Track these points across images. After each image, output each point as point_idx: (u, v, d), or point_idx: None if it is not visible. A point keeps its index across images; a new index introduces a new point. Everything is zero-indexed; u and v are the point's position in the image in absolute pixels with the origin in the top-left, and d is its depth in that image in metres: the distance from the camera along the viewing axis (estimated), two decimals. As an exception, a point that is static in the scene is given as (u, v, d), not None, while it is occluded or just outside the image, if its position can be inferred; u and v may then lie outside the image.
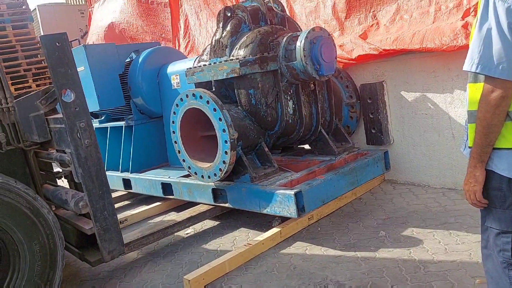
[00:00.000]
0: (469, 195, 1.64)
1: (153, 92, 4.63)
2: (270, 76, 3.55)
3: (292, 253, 3.15)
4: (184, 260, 3.32)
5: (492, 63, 1.40)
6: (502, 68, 1.39)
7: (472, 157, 1.58)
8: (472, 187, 1.61)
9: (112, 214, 2.83)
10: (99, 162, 2.75)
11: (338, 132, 4.14)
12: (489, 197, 1.62)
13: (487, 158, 1.56)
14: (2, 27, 8.67)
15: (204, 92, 3.37)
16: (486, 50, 1.42)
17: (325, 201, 3.40)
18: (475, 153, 1.57)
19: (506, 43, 1.38)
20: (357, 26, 4.36)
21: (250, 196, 3.39)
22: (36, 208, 2.58)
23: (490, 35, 1.41)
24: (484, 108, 1.48)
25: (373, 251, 2.97)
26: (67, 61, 2.63)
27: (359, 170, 3.69)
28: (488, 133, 1.50)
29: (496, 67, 1.40)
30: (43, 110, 2.96)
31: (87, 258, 2.97)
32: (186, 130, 3.68)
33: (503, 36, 1.38)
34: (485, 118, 1.48)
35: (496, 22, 1.39)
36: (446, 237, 3.01)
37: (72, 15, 12.01)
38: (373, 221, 3.47)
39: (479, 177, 1.59)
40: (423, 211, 3.50)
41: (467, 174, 1.63)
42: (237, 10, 3.75)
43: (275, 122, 3.62)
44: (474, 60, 1.45)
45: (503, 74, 1.39)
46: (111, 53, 4.61)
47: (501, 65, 1.39)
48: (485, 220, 1.68)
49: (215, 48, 3.75)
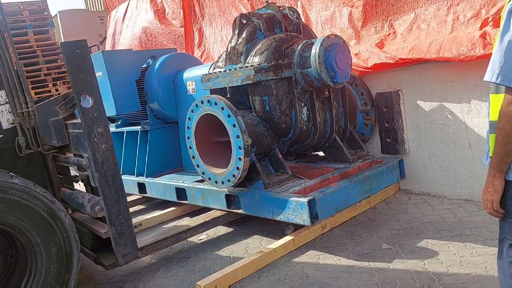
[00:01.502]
0: (486, 204, 1.65)
1: (169, 98, 4.68)
2: (284, 83, 3.56)
3: (305, 261, 3.14)
4: (197, 266, 3.34)
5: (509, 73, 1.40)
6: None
7: (492, 166, 1.60)
8: (490, 196, 1.62)
9: (127, 219, 2.86)
10: (115, 167, 2.79)
11: (352, 139, 4.12)
12: (506, 207, 1.61)
13: (507, 168, 1.56)
14: (24, 32, 8.87)
15: (219, 99, 3.40)
16: (507, 61, 1.41)
17: (339, 209, 3.38)
18: (495, 163, 1.57)
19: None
20: (373, 35, 4.35)
21: (263, 202, 3.40)
22: (53, 211, 2.63)
23: (511, 46, 1.40)
24: (504, 119, 1.48)
25: (387, 261, 2.94)
26: (86, 67, 2.69)
27: (373, 178, 3.66)
28: (507, 143, 1.51)
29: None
30: (62, 115, 3.02)
31: (102, 262, 3.02)
32: (200, 136, 3.71)
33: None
34: (505, 129, 1.49)
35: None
36: (462, 249, 2.96)
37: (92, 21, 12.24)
38: (387, 231, 3.43)
39: (498, 187, 1.59)
40: (439, 222, 3.45)
41: (486, 183, 1.64)
42: (252, 17, 3.78)
43: (289, 128, 3.62)
44: (494, 70, 1.45)
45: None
46: (128, 58, 4.69)
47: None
48: (502, 230, 1.68)
49: (230, 55, 3.78)
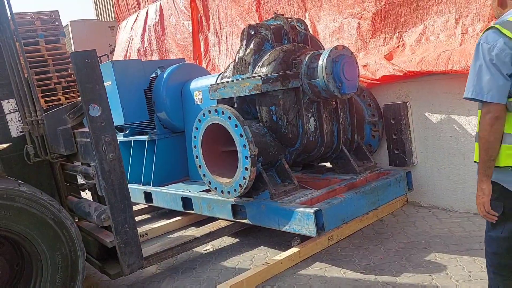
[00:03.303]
0: (479, 208, 1.93)
1: (177, 107, 4.70)
2: (291, 93, 3.57)
3: (311, 274, 3.10)
4: (202, 277, 3.32)
5: (484, 91, 1.78)
6: (492, 94, 1.76)
7: (479, 172, 1.89)
8: (481, 199, 1.91)
9: (133, 228, 2.86)
10: (122, 176, 2.80)
11: (360, 150, 4.10)
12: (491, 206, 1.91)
13: (491, 173, 1.86)
14: (35, 41, 9.02)
15: (226, 108, 3.41)
16: (478, 81, 1.79)
17: (345, 220, 3.35)
18: (481, 169, 1.88)
19: (492, 76, 1.76)
20: (382, 47, 4.35)
21: (269, 213, 3.38)
22: (60, 219, 2.64)
23: (481, 69, 1.79)
24: (482, 128, 1.83)
25: (394, 275, 2.90)
26: (95, 77, 2.72)
27: (380, 190, 3.64)
28: (487, 149, 1.82)
29: (486, 94, 1.77)
30: (70, 123, 3.04)
31: (107, 271, 3.01)
32: (207, 145, 3.72)
33: (489, 70, 1.76)
34: (483, 136, 1.82)
35: (483, 59, 1.78)
36: (471, 263, 2.91)
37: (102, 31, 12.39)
38: (395, 244, 3.39)
39: (486, 190, 1.88)
40: (447, 236, 3.41)
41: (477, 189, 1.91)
42: (260, 28, 3.80)
43: (296, 139, 3.62)
44: (469, 89, 1.83)
45: (493, 98, 1.76)
46: (137, 68, 4.73)
47: (491, 92, 1.76)
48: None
49: (238, 65, 3.80)
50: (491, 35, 1.79)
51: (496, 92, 1.75)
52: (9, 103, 3.08)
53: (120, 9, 9.50)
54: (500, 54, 1.75)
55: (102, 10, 16.19)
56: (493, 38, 1.78)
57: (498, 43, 1.75)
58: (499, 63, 1.75)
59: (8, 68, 2.97)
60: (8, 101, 3.07)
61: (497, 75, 1.75)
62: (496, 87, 1.76)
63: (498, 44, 1.75)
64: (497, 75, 1.75)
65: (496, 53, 1.76)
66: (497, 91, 1.76)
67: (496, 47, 1.76)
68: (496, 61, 1.76)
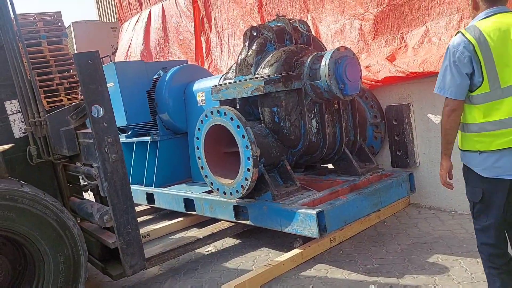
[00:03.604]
0: (441, 178, 2.32)
1: (179, 109, 4.71)
2: (294, 94, 3.57)
3: (313, 275, 3.10)
4: (204, 278, 3.32)
5: (445, 88, 2.10)
6: (451, 91, 2.08)
7: (441, 151, 2.27)
8: (441, 172, 2.30)
9: (135, 229, 2.87)
10: (124, 177, 2.80)
11: (362, 152, 4.09)
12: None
13: (450, 152, 2.24)
14: (38, 43, 9.04)
15: (229, 109, 3.41)
16: (443, 79, 2.11)
17: (348, 221, 3.35)
18: (443, 149, 2.25)
19: (453, 75, 2.06)
20: (384, 48, 4.35)
21: (271, 214, 3.38)
22: (62, 220, 2.64)
23: (446, 70, 2.09)
24: (442, 117, 2.18)
25: (396, 277, 2.90)
26: (98, 78, 2.72)
27: (383, 191, 3.63)
28: (445, 135, 2.19)
29: (447, 90, 2.09)
30: (73, 124, 3.05)
31: (109, 272, 3.01)
32: (209, 146, 3.72)
33: (451, 70, 2.07)
34: (443, 124, 2.19)
35: (449, 61, 2.08)
36: (473, 265, 2.90)
37: (105, 32, 12.41)
38: (397, 246, 3.38)
39: (444, 165, 2.27)
40: (449, 238, 3.40)
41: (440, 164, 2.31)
42: (263, 29, 3.81)
43: (298, 140, 3.61)
44: (436, 85, 2.15)
45: (451, 94, 2.08)
46: (139, 70, 4.74)
47: (450, 88, 2.08)
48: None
49: (240, 66, 3.80)
50: (457, 39, 2.07)
51: (454, 90, 2.07)
52: (12, 104, 3.09)
53: (122, 10, 9.53)
54: (460, 56, 2.03)
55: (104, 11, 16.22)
56: (457, 42, 2.05)
57: (460, 46, 2.03)
58: (460, 64, 2.03)
59: (11, 69, 2.97)
60: (11, 102, 3.08)
61: (457, 75, 2.05)
62: (454, 85, 2.06)
63: (460, 48, 2.03)
64: (457, 75, 2.05)
65: (458, 56, 2.04)
66: (455, 88, 2.07)
67: (458, 51, 2.03)
68: (458, 62, 2.04)
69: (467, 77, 2.03)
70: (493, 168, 2.06)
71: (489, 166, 2.07)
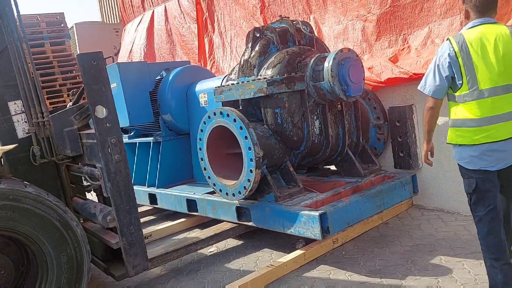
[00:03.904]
0: (423, 157, 2.68)
1: (182, 110, 4.71)
2: (297, 96, 3.57)
3: (316, 277, 3.10)
4: (207, 278, 3.32)
5: (427, 86, 2.40)
6: (430, 89, 2.39)
7: (424, 137, 2.61)
8: (423, 153, 2.66)
9: (138, 229, 2.87)
10: (127, 178, 2.81)
11: (365, 153, 4.09)
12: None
13: (431, 138, 2.59)
14: (41, 43, 9.07)
15: (231, 110, 3.41)
16: (426, 79, 2.40)
17: (350, 223, 3.35)
18: (425, 134, 2.58)
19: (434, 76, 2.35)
20: (387, 49, 4.35)
21: (274, 215, 3.37)
22: (65, 220, 2.64)
23: (430, 71, 2.38)
24: (424, 111, 2.51)
25: (399, 278, 2.89)
26: (101, 78, 2.73)
27: (385, 193, 3.62)
28: (425, 125, 2.53)
29: (428, 89, 2.40)
30: (76, 125, 3.06)
31: (112, 272, 3.01)
32: (212, 148, 3.72)
33: (434, 72, 2.35)
34: (423, 117, 2.54)
35: (434, 63, 2.35)
36: (476, 267, 2.89)
37: (107, 33, 12.43)
38: (400, 247, 3.38)
39: (425, 148, 2.63)
40: (452, 239, 3.39)
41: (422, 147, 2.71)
42: (266, 31, 3.81)
43: (301, 141, 3.61)
44: (421, 83, 2.45)
45: (429, 93, 2.40)
46: (142, 71, 4.74)
47: (430, 87, 2.39)
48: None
49: (243, 67, 3.80)
50: (444, 46, 2.32)
51: (433, 89, 2.37)
52: (16, 104, 3.09)
53: (125, 11, 9.54)
54: (443, 61, 2.28)
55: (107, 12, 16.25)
56: (444, 48, 2.31)
57: (445, 52, 2.28)
58: (442, 68, 2.30)
59: (15, 69, 2.98)
60: (14, 103, 3.09)
61: (437, 77, 2.33)
62: (434, 86, 2.35)
63: (444, 54, 2.28)
64: (437, 77, 2.33)
65: (441, 60, 2.30)
66: (434, 88, 2.36)
67: (443, 56, 2.29)
68: (440, 66, 2.31)
69: (446, 80, 2.30)
70: (476, 161, 2.28)
71: (471, 159, 2.29)
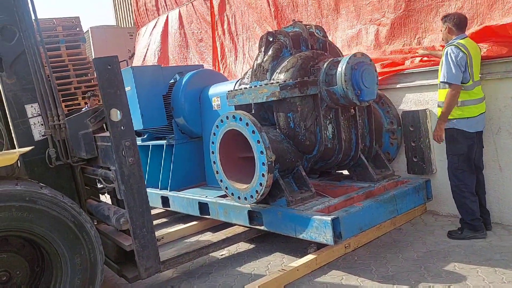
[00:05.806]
0: (437, 138, 3.51)
1: (195, 113, 4.74)
2: (309, 100, 3.56)
3: (327, 282, 3.08)
4: (218, 282, 3.32)
5: (452, 78, 3.28)
6: (454, 80, 3.28)
7: (441, 118, 3.44)
8: (438, 133, 3.48)
9: (151, 232, 2.89)
10: (141, 180, 2.83)
11: (378, 158, 4.06)
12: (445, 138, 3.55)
13: (446, 120, 3.42)
14: (57, 47, 9.23)
15: (244, 114, 3.43)
16: (449, 73, 3.29)
17: (363, 229, 3.32)
18: (443, 117, 3.42)
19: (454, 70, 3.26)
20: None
21: (286, 220, 3.37)
22: (80, 222, 2.67)
23: (451, 67, 3.27)
24: (448, 98, 3.34)
25: (412, 285, 2.86)
26: (116, 82, 2.76)
27: (399, 198, 3.59)
28: (448, 108, 3.36)
29: (452, 79, 3.28)
30: (91, 128, 3.09)
31: (125, 274, 3.03)
32: (225, 151, 3.74)
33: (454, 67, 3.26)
34: (448, 102, 3.34)
35: (452, 61, 3.27)
36: (491, 274, 2.85)
37: (122, 36, 12.61)
38: (413, 253, 3.34)
39: (442, 128, 3.45)
40: (467, 246, 3.34)
41: (436, 126, 3.50)
42: (279, 35, 3.82)
43: (313, 146, 3.60)
44: (444, 76, 3.33)
45: (455, 81, 3.28)
46: (156, 74, 4.79)
47: (453, 78, 3.28)
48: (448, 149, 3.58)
49: (256, 71, 3.82)
50: (455, 49, 3.29)
51: (455, 79, 3.28)
52: (33, 107, 3.15)
53: (139, 16, 9.66)
54: (461, 59, 3.26)
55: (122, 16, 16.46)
56: (457, 50, 3.28)
57: (460, 53, 3.26)
58: (460, 64, 3.26)
59: (32, 73, 3.04)
60: (31, 106, 3.14)
61: (458, 70, 3.26)
62: (456, 76, 3.27)
63: (460, 54, 3.26)
64: (458, 70, 3.26)
65: (459, 59, 3.25)
66: (456, 78, 3.28)
67: (459, 56, 3.26)
68: (458, 63, 3.26)
69: (462, 72, 3.28)
70: (474, 126, 3.40)
71: (472, 125, 3.39)
